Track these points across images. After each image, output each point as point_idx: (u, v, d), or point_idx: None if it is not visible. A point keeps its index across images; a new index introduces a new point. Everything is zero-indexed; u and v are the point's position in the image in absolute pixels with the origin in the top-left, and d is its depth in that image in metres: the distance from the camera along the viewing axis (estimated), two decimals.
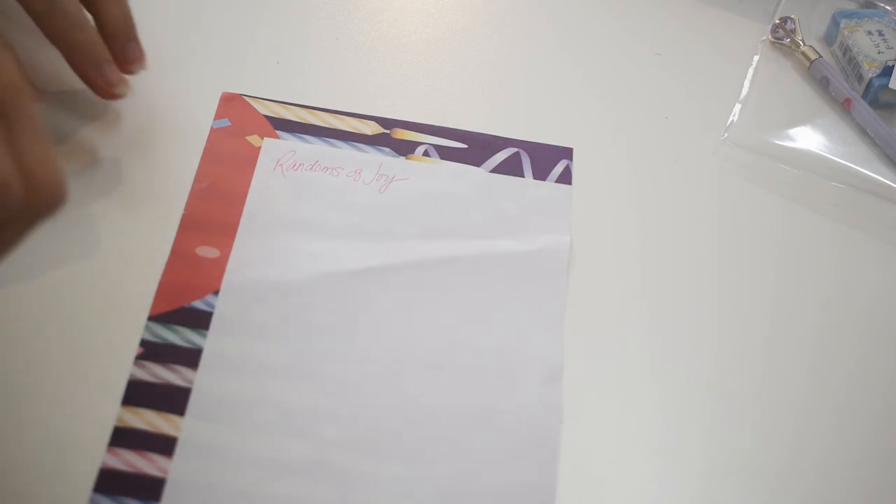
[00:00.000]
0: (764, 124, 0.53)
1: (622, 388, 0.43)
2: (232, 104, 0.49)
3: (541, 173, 0.49)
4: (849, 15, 0.57)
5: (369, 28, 0.55)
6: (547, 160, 0.50)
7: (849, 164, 0.52)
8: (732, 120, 0.53)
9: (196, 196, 0.46)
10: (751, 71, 0.56)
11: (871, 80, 0.54)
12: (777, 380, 0.44)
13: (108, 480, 0.38)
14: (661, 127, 0.53)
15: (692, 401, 0.43)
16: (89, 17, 0.45)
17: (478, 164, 0.49)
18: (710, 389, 0.43)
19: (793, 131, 0.54)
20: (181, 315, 0.42)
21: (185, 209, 0.46)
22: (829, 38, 0.58)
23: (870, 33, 0.56)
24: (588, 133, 0.51)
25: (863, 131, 0.54)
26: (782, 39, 0.58)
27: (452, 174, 0.48)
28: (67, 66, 0.45)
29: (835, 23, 0.58)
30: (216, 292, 0.43)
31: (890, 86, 0.54)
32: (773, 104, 0.55)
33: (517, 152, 0.50)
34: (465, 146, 0.50)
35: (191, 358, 0.41)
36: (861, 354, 0.45)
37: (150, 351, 0.41)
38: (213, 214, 0.46)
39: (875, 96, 0.54)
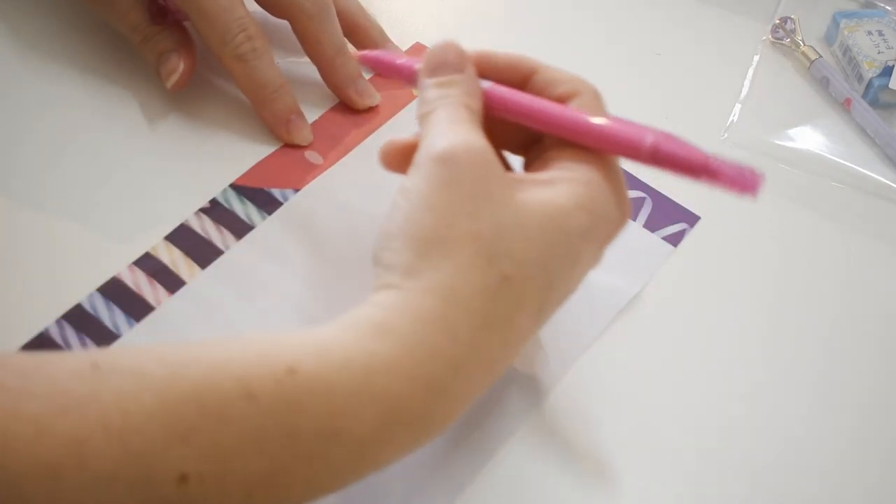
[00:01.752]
0: (764, 124, 0.54)
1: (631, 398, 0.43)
2: (418, 55, 0.50)
3: (653, 225, 0.48)
4: (849, 15, 0.58)
5: None
6: (667, 216, 0.49)
7: (849, 164, 0.52)
8: (732, 120, 0.54)
9: (336, 109, 0.50)
10: (751, 71, 0.56)
11: (871, 80, 0.54)
12: (777, 379, 0.44)
13: (112, 287, 0.42)
14: (661, 127, 0.53)
15: (690, 402, 0.43)
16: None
17: None
18: (709, 389, 0.43)
19: (793, 131, 0.54)
20: (258, 194, 0.46)
21: (321, 115, 0.50)
22: (829, 38, 0.58)
23: (870, 33, 0.56)
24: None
25: (863, 131, 0.54)
26: (782, 39, 0.58)
27: None
28: None
29: (835, 23, 0.58)
30: (297, 190, 0.47)
31: (890, 86, 0.54)
32: (773, 104, 0.55)
33: (644, 198, 0.49)
34: None
35: (240, 230, 0.45)
36: (862, 354, 0.45)
37: (214, 209, 0.46)
38: (340, 129, 0.49)
39: (875, 96, 0.54)
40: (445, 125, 0.35)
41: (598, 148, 0.36)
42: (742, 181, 0.34)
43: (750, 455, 0.41)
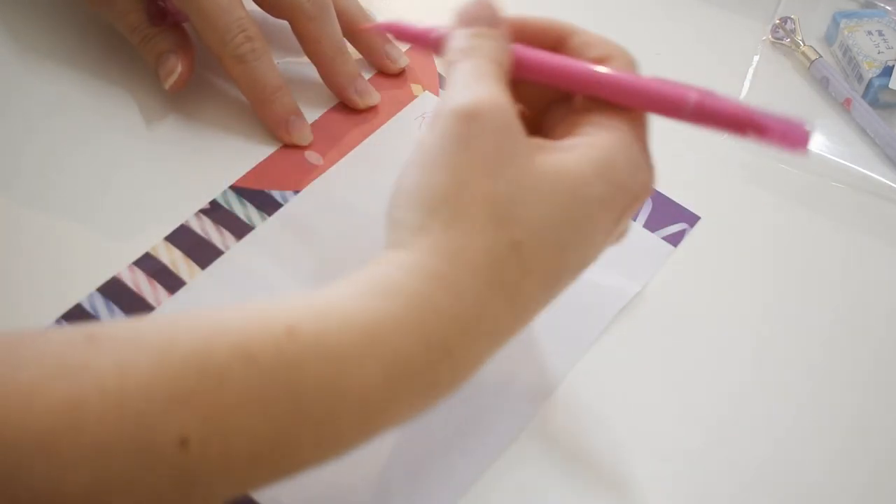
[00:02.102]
0: None
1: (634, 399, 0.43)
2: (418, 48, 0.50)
3: (653, 225, 0.48)
4: (849, 15, 0.57)
5: None
6: (667, 216, 0.49)
7: (849, 164, 0.52)
8: None
9: (336, 109, 0.50)
10: (751, 71, 0.56)
11: (871, 80, 0.54)
12: (777, 379, 0.44)
13: (112, 287, 0.43)
14: (661, 127, 0.53)
15: (691, 402, 0.43)
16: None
17: None
18: (709, 389, 0.43)
19: None
20: (257, 196, 0.46)
21: (321, 116, 0.50)
22: (829, 38, 0.58)
23: (870, 33, 0.56)
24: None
25: (863, 131, 0.54)
26: (782, 39, 0.58)
27: None
28: None
29: (835, 23, 0.58)
30: (297, 191, 0.47)
31: (890, 86, 0.54)
32: (773, 104, 0.54)
33: None
34: None
35: (240, 230, 0.45)
36: (861, 353, 0.45)
37: (214, 210, 0.46)
38: (340, 129, 0.49)
39: (875, 96, 0.54)
40: (471, 77, 0.34)
41: (638, 106, 0.35)
42: (791, 135, 0.32)
43: (750, 454, 0.41)
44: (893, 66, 0.54)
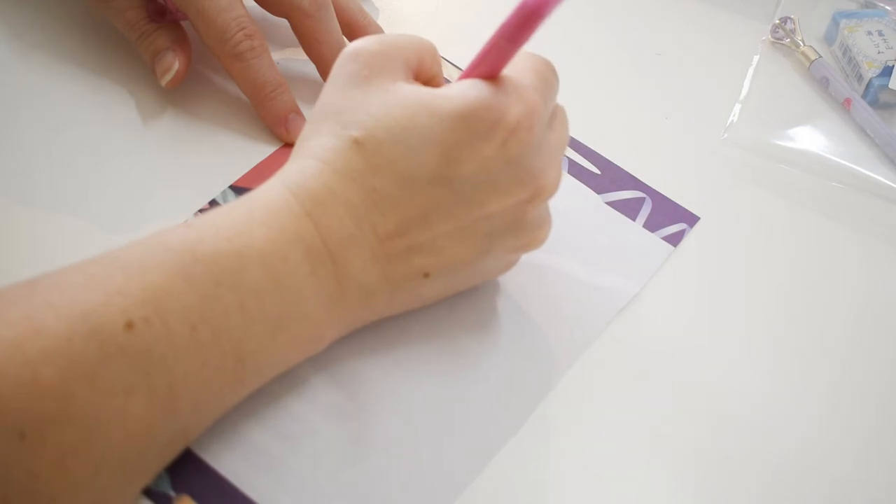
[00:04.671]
0: (764, 124, 0.53)
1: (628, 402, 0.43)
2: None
3: (653, 225, 0.48)
4: (849, 15, 0.57)
5: None
6: (666, 216, 0.49)
7: (849, 164, 0.52)
8: (732, 120, 0.53)
9: None
10: (751, 71, 0.56)
11: (871, 80, 0.54)
12: (777, 378, 0.44)
13: None
14: (661, 127, 0.53)
15: (690, 402, 0.43)
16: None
17: (600, 191, 0.49)
18: (708, 389, 0.43)
19: (793, 131, 0.54)
20: None
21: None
22: (829, 38, 0.58)
23: (870, 33, 0.56)
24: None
25: (863, 131, 0.54)
26: (782, 39, 0.58)
27: (569, 188, 0.48)
28: None
29: (835, 23, 0.58)
30: None
31: (890, 86, 0.54)
32: (773, 104, 0.55)
33: (644, 198, 0.49)
34: (599, 172, 0.50)
35: None
36: (861, 353, 0.45)
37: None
38: None
39: (875, 96, 0.54)
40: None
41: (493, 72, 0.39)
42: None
43: (750, 454, 0.41)
44: (893, 66, 0.54)
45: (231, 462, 0.38)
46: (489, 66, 0.38)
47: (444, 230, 0.38)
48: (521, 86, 0.38)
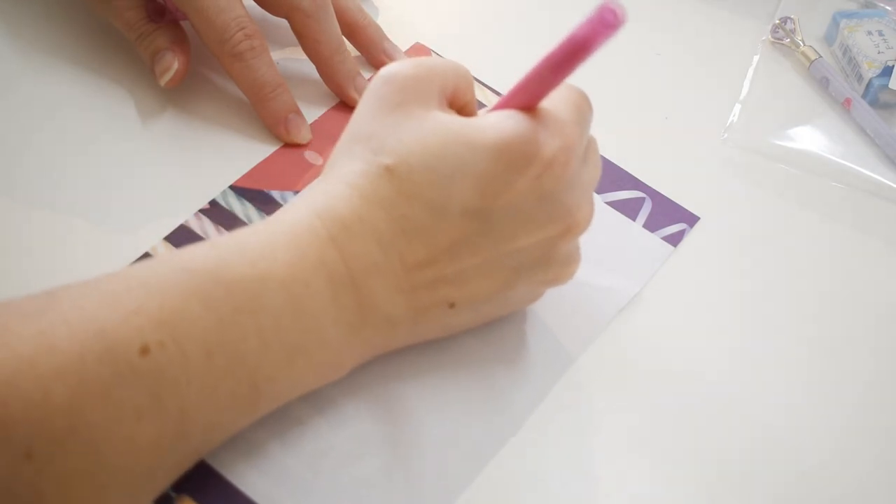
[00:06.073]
0: (764, 124, 0.54)
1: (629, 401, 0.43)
2: (418, 55, 0.50)
3: (653, 225, 0.48)
4: (849, 15, 0.58)
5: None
6: (666, 216, 0.49)
7: (849, 164, 0.52)
8: (732, 120, 0.53)
9: (336, 108, 0.50)
10: (751, 71, 0.56)
11: (871, 80, 0.54)
12: (777, 378, 0.44)
13: None
14: (661, 127, 0.53)
15: (690, 402, 0.43)
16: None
17: (600, 191, 0.49)
18: (708, 389, 0.43)
19: (793, 131, 0.54)
20: (257, 196, 0.46)
21: (319, 118, 0.50)
22: (829, 38, 0.58)
23: (870, 33, 0.56)
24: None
25: (863, 131, 0.54)
26: (782, 39, 0.58)
27: None
28: None
29: (835, 23, 0.58)
30: (296, 191, 0.46)
31: (890, 86, 0.54)
32: (773, 104, 0.55)
33: (643, 198, 0.49)
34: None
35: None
36: (860, 353, 0.45)
37: (213, 210, 0.45)
38: (339, 128, 0.48)
39: (875, 96, 0.54)
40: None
41: (531, 103, 0.38)
42: (605, 21, 0.34)
43: (749, 454, 0.41)
44: (893, 66, 0.54)
45: (232, 463, 0.38)
46: (528, 96, 0.37)
47: (472, 262, 0.37)
48: (559, 119, 0.37)
